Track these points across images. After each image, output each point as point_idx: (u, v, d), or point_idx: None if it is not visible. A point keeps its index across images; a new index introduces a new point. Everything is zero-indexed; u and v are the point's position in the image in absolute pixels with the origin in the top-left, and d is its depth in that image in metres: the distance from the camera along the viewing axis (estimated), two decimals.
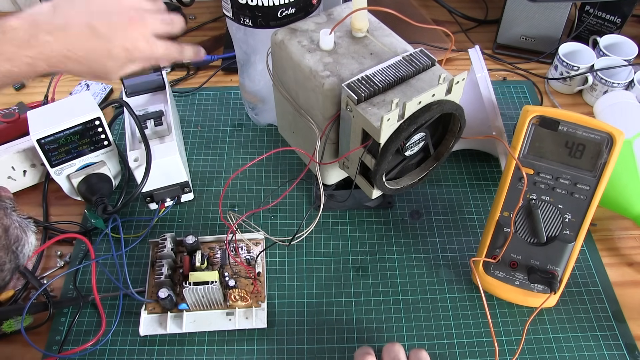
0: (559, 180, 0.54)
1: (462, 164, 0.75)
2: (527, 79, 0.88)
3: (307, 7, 0.62)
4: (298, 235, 0.61)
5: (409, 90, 0.50)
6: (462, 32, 0.96)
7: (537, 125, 0.53)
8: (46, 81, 0.87)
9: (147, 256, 0.64)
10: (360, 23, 0.54)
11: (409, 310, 0.60)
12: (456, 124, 0.54)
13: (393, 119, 0.46)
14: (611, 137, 0.51)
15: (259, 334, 0.58)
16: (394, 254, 0.65)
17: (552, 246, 0.55)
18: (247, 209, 0.69)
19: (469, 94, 0.65)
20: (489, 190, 0.71)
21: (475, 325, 0.59)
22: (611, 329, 0.58)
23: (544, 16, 0.85)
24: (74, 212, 0.70)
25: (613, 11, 0.87)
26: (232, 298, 0.58)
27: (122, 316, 0.60)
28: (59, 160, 0.63)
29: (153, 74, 0.70)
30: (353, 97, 0.48)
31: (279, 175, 0.74)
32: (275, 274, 0.63)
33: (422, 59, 0.52)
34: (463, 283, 0.62)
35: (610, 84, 0.80)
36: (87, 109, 0.63)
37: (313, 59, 0.53)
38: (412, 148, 0.52)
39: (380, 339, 0.58)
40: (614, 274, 0.63)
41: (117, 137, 0.78)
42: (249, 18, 0.61)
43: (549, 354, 0.56)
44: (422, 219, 0.68)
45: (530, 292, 0.58)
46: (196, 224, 0.68)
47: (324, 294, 0.61)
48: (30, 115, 0.62)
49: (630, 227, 0.68)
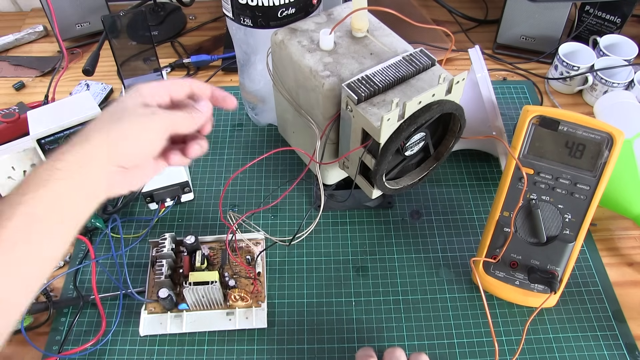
0: (559, 180, 0.54)
1: (462, 164, 0.75)
2: (527, 79, 0.88)
3: (307, 7, 0.62)
4: (298, 235, 0.61)
5: (409, 90, 0.50)
6: (462, 32, 0.96)
7: (537, 125, 0.53)
8: (46, 81, 0.87)
9: (147, 256, 0.64)
10: (360, 23, 0.54)
11: (409, 310, 0.60)
12: (456, 124, 0.54)
13: (393, 119, 0.46)
14: (611, 137, 0.51)
15: (259, 334, 0.58)
16: (394, 254, 0.65)
17: (552, 246, 0.55)
18: (247, 209, 0.69)
19: (469, 94, 0.65)
20: (489, 190, 0.71)
21: (475, 325, 0.59)
22: (611, 329, 0.58)
23: (544, 16, 0.85)
24: None
25: (613, 11, 0.87)
26: (232, 298, 0.58)
27: (122, 316, 0.60)
28: None
29: (153, 74, 0.70)
30: (353, 97, 0.48)
31: (279, 175, 0.74)
32: (275, 274, 0.63)
33: (422, 59, 0.52)
34: (463, 283, 0.62)
35: (610, 84, 0.80)
36: (87, 109, 0.63)
37: (313, 59, 0.53)
38: (412, 148, 0.52)
39: (380, 339, 0.58)
40: (614, 274, 0.63)
41: None
42: (249, 18, 0.61)
43: (549, 354, 0.56)
44: (422, 219, 0.68)
45: (530, 292, 0.58)
46: (196, 224, 0.68)
47: (324, 294, 0.61)
48: (30, 115, 0.62)
49: (630, 227, 0.68)
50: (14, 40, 0.95)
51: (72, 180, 0.39)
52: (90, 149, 0.41)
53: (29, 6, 1.05)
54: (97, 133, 0.41)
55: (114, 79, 0.88)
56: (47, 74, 0.90)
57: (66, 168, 0.39)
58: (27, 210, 0.37)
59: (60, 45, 0.82)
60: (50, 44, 0.97)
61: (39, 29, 0.97)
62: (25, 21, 1.01)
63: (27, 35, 0.96)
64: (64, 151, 0.40)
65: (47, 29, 0.98)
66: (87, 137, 0.41)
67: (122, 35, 0.66)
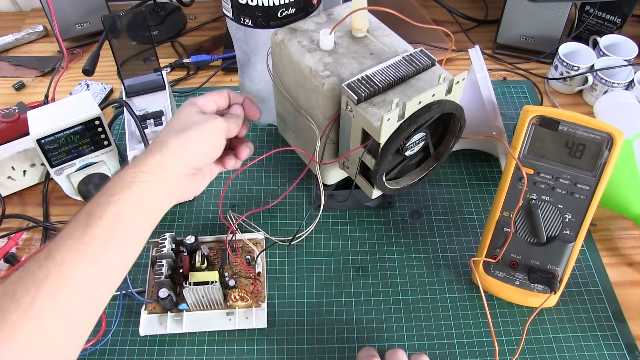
0: (559, 180, 0.54)
1: (462, 164, 0.75)
2: (527, 79, 0.88)
3: (307, 7, 0.62)
4: (298, 235, 0.61)
5: (409, 90, 0.50)
6: (462, 32, 0.96)
7: (537, 125, 0.53)
8: (46, 81, 0.87)
9: (147, 256, 0.64)
10: (360, 23, 0.54)
11: (409, 310, 0.60)
12: (456, 124, 0.54)
13: (393, 119, 0.46)
14: (611, 137, 0.51)
15: (259, 334, 0.58)
16: (394, 254, 0.65)
17: (552, 246, 0.55)
18: (247, 209, 0.69)
19: (469, 94, 0.65)
20: (489, 190, 0.71)
21: (475, 325, 0.59)
22: (611, 329, 0.58)
23: (544, 16, 0.85)
24: (74, 212, 0.70)
25: (613, 11, 0.87)
26: (232, 298, 0.58)
27: (122, 316, 0.60)
28: (59, 160, 0.63)
29: (153, 74, 0.70)
30: (353, 97, 0.48)
31: (279, 175, 0.74)
32: (275, 274, 0.63)
33: (422, 59, 0.52)
34: (463, 283, 0.62)
35: (610, 84, 0.80)
36: (87, 109, 0.63)
37: (313, 59, 0.53)
38: (412, 148, 0.52)
39: (380, 339, 0.58)
40: (614, 274, 0.63)
41: (117, 137, 0.78)
42: (249, 18, 0.61)
43: (549, 354, 0.56)
44: (422, 219, 0.68)
45: (530, 292, 0.58)
46: (196, 224, 0.68)
47: (324, 294, 0.61)
48: (30, 115, 0.62)
49: (630, 227, 0.68)
50: (14, 40, 0.95)
51: (153, 183, 0.44)
52: (168, 153, 0.46)
53: (29, 6, 1.05)
54: (171, 140, 0.47)
55: (114, 79, 0.88)
56: (47, 74, 0.90)
57: (149, 171, 0.44)
58: (116, 210, 0.41)
59: (60, 45, 0.82)
60: (50, 44, 0.97)
61: (39, 29, 0.97)
62: (25, 21, 1.01)
63: (27, 35, 0.96)
64: (145, 156, 0.45)
65: (47, 29, 0.98)
66: (163, 144, 0.46)
67: (122, 35, 0.66)
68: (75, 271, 0.38)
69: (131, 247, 0.43)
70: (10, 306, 0.36)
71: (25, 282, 0.37)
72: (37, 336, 0.36)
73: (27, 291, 0.36)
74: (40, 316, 0.36)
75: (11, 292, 0.36)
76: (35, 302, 0.36)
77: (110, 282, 0.42)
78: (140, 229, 0.44)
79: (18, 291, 0.36)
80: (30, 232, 0.68)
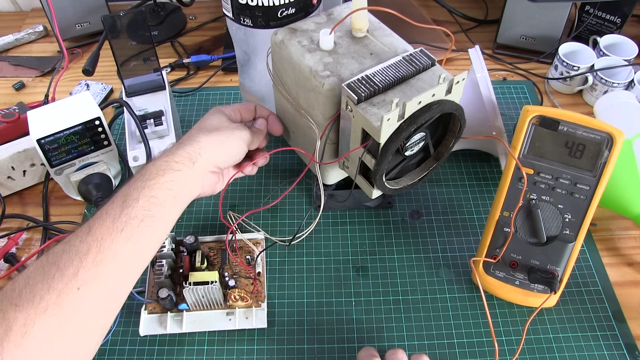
0: (559, 180, 0.54)
1: (462, 164, 0.75)
2: (527, 79, 0.88)
3: (307, 7, 0.62)
4: (298, 235, 0.61)
5: (409, 90, 0.50)
6: (462, 32, 0.96)
7: (537, 125, 0.53)
8: (46, 81, 0.87)
9: None
10: (360, 23, 0.54)
11: (409, 310, 0.60)
12: (456, 124, 0.54)
13: (393, 119, 0.46)
14: (611, 137, 0.51)
15: (259, 334, 0.58)
16: (394, 254, 0.65)
17: (552, 246, 0.55)
18: (247, 209, 0.69)
19: (469, 94, 0.65)
20: (489, 190, 0.71)
21: (475, 325, 0.59)
22: (611, 329, 0.58)
23: (544, 16, 0.85)
24: (74, 212, 0.70)
25: (613, 11, 0.87)
26: (232, 298, 0.58)
27: (122, 316, 0.60)
28: (59, 160, 0.63)
29: (153, 74, 0.70)
30: (353, 97, 0.48)
31: (279, 175, 0.74)
32: (275, 274, 0.63)
33: (422, 59, 0.52)
34: (463, 283, 0.62)
35: (610, 84, 0.80)
36: (87, 109, 0.63)
37: (313, 59, 0.53)
38: (412, 148, 0.52)
39: (380, 339, 0.58)
40: (614, 274, 0.63)
41: (117, 137, 0.78)
42: (249, 18, 0.61)
43: (549, 354, 0.56)
44: (422, 219, 0.68)
45: (530, 292, 0.58)
46: (196, 224, 0.68)
47: (324, 294, 0.61)
48: (30, 115, 0.62)
49: (630, 227, 0.68)
50: (14, 40, 0.95)
51: (183, 172, 0.48)
52: (198, 147, 0.50)
53: (29, 6, 1.05)
54: (202, 137, 0.51)
55: (114, 79, 0.88)
56: (47, 74, 0.90)
57: (181, 161, 0.48)
58: (151, 193, 0.45)
59: (60, 45, 0.82)
60: (50, 44, 0.97)
61: (39, 29, 0.97)
62: (25, 21, 1.01)
63: (27, 35, 0.96)
64: (177, 147, 0.50)
65: (47, 29, 0.98)
66: (194, 139, 0.51)
67: (122, 35, 0.66)
68: (113, 246, 0.42)
69: (161, 230, 0.46)
70: (55, 274, 0.39)
71: (69, 254, 0.40)
72: (78, 305, 0.39)
73: (71, 263, 0.40)
74: (82, 287, 0.39)
75: (56, 263, 0.40)
76: (78, 273, 0.40)
77: (141, 261, 0.45)
78: (172, 213, 0.48)
79: (62, 262, 0.40)
80: (30, 232, 0.68)
